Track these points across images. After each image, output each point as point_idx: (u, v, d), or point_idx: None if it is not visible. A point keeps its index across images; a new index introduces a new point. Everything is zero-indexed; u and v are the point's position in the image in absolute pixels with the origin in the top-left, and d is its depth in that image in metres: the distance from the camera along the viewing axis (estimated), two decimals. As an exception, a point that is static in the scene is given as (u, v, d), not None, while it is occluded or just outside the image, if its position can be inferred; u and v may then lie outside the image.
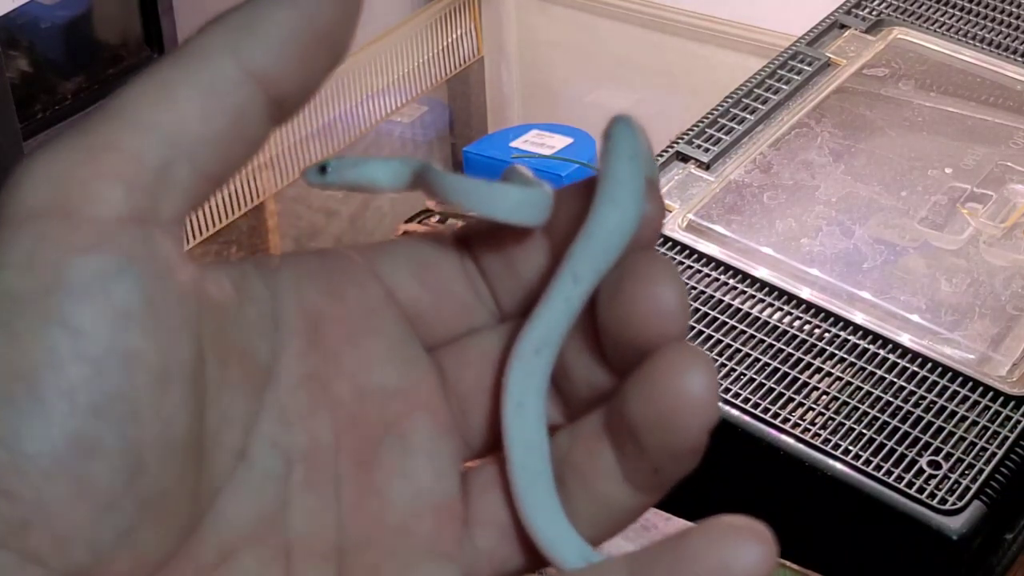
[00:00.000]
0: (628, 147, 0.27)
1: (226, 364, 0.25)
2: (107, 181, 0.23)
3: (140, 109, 0.24)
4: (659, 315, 0.26)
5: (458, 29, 1.24)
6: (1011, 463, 0.62)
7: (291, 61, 0.25)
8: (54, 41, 1.12)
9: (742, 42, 1.12)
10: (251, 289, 0.27)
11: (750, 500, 0.66)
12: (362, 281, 0.28)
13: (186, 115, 0.24)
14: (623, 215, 0.27)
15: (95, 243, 0.23)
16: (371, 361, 0.28)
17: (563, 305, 0.27)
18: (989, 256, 0.73)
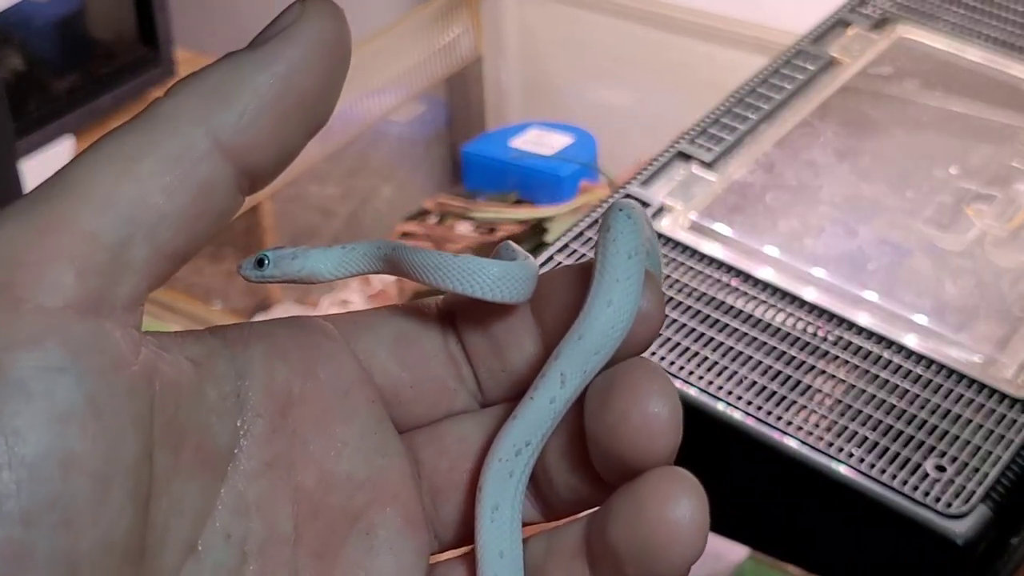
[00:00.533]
0: (628, 242, 0.26)
1: (179, 451, 0.24)
2: (58, 264, 0.22)
3: (98, 183, 0.23)
4: (650, 435, 0.25)
5: (457, 27, 1.24)
6: (1017, 467, 0.62)
7: (266, 132, 0.24)
8: (47, 39, 1.12)
9: (745, 40, 1.12)
10: (215, 368, 0.25)
11: (753, 503, 0.65)
12: (337, 359, 0.27)
13: (148, 190, 0.23)
14: (617, 317, 0.26)
15: (39, 336, 0.22)
16: (340, 448, 0.27)
17: (547, 406, 0.26)
18: (995, 257, 0.72)
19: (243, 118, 0.24)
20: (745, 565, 0.61)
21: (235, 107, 0.24)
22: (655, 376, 0.26)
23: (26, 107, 1.06)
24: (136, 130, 0.24)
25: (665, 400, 0.25)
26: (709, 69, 1.14)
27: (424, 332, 0.28)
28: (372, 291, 1.09)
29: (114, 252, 0.23)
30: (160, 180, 0.23)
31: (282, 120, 0.24)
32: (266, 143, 0.24)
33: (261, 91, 0.24)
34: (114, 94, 1.13)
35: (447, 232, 1.10)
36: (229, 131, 0.24)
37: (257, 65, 0.24)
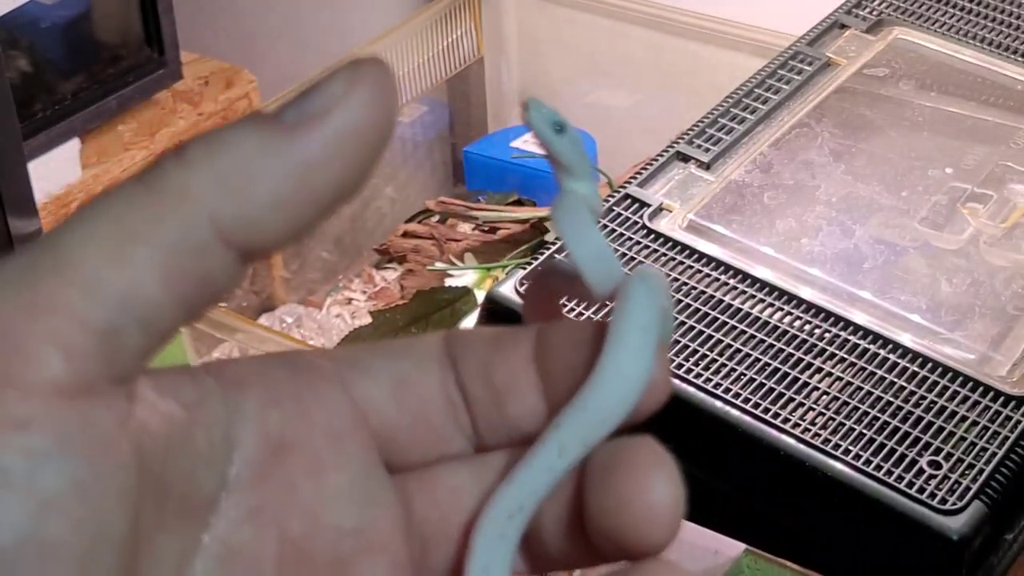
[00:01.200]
0: (644, 316, 0.26)
1: (163, 505, 0.23)
2: (46, 348, 0.21)
3: (91, 264, 0.22)
4: (651, 524, 0.24)
5: (458, 29, 1.24)
6: (1011, 463, 0.62)
7: (275, 224, 0.23)
8: (54, 41, 1.12)
9: (742, 42, 1.12)
10: (207, 412, 0.24)
11: (750, 499, 0.65)
12: (333, 402, 0.26)
13: (143, 278, 0.22)
14: (625, 392, 0.25)
15: (24, 422, 0.21)
16: (330, 496, 0.26)
17: (545, 475, 0.25)
18: (989, 256, 0.73)
19: (254, 214, 0.22)
20: (742, 561, 0.61)
21: (248, 201, 0.22)
22: (660, 461, 0.25)
23: (33, 109, 1.07)
24: (136, 205, 0.22)
25: (669, 488, 0.24)
26: (707, 71, 1.14)
27: (423, 375, 0.27)
28: (374, 289, 1.10)
29: (104, 338, 0.22)
30: (157, 268, 0.22)
31: (296, 215, 0.23)
32: (273, 233, 0.23)
33: (281, 187, 0.22)
34: (120, 96, 1.13)
35: (449, 232, 1.11)
36: (235, 222, 0.22)
37: (278, 154, 0.23)
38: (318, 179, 0.23)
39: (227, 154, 0.22)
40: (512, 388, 0.27)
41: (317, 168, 0.23)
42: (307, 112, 0.23)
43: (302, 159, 0.22)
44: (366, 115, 0.23)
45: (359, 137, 0.23)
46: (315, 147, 0.23)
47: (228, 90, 1.24)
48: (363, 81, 0.23)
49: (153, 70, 1.16)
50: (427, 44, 1.21)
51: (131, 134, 1.17)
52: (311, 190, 0.23)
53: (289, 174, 0.22)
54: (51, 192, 1.10)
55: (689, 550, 0.61)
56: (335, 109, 0.23)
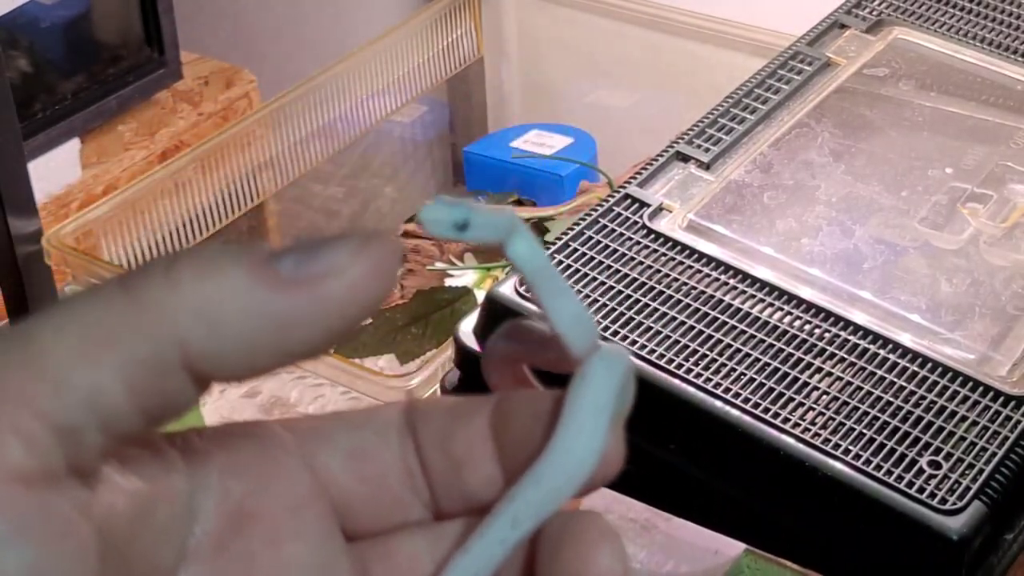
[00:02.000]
0: (600, 395, 0.26)
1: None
2: (8, 438, 0.21)
3: (60, 362, 0.22)
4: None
5: (458, 29, 1.24)
6: (1011, 463, 0.62)
7: (240, 365, 0.23)
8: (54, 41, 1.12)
9: (742, 42, 1.12)
10: (169, 484, 0.25)
11: (750, 499, 0.65)
12: (292, 472, 0.27)
13: (109, 384, 0.22)
14: (577, 468, 0.26)
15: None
16: (287, 566, 0.26)
17: (498, 546, 0.26)
18: (989, 256, 0.73)
19: (223, 352, 0.23)
20: (742, 561, 0.61)
21: (219, 339, 0.23)
22: (606, 536, 0.26)
23: (33, 109, 1.07)
24: (116, 308, 0.22)
25: (614, 562, 0.25)
26: (707, 71, 1.14)
27: (382, 445, 0.28)
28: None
29: (66, 434, 0.22)
30: (123, 377, 0.22)
31: (261, 362, 0.23)
32: (234, 372, 0.23)
33: (254, 335, 0.23)
34: (119, 96, 1.13)
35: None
36: (203, 357, 0.23)
37: (265, 305, 0.23)
38: (293, 336, 0.23)
39: (212, 286, 0.23)
40: (469, 458, 0.27)
41: (295, 327, 0.23)
42: (304, 271, 0.23)
43: (284, 317, 0.23)
44: (360, 292, 0.23)
45: (344, 309, 0.23)
46: (300, 310, 0.23)
47: (228, 90, 1.24)
48: (368, 257, 0.23)
49: (153, 70, 1.16)
50: (427, 44, 1.21)
51: (131, 134, 1.17)
52: (283, 344, 0.23)
53: (266, 326, 0.23)
54: (51, 192, 1.10)
55: (689, 550, 0.61)
56: (332, 278, 0.23)
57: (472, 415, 0.27)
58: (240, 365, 0.23)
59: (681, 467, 0.66)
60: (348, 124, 1.15)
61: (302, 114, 1.09)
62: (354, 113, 1.15)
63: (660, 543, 0.61)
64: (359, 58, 1.14)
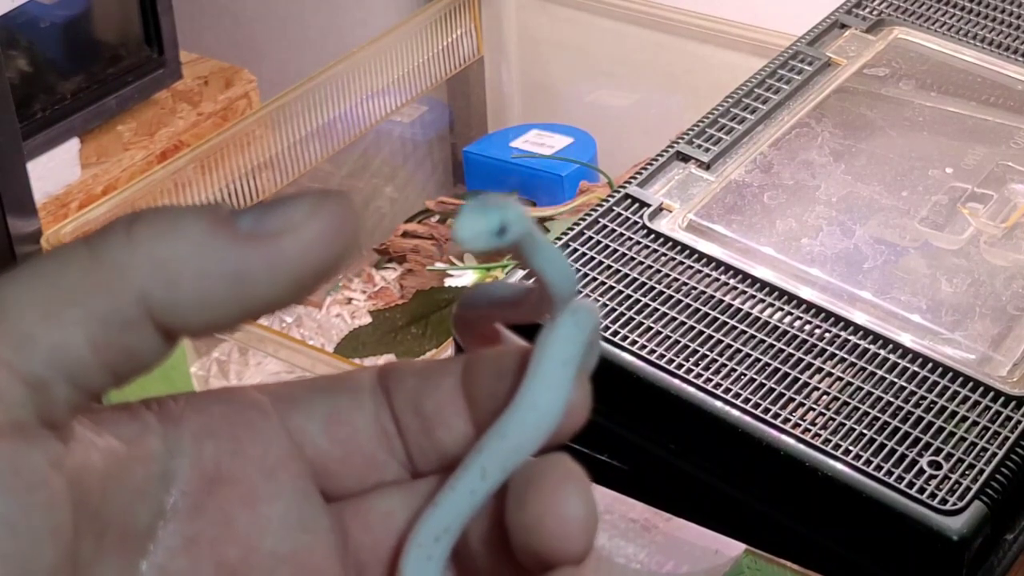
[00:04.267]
0: (565, 349, 0.27)
1: (101, 538, 0.24)
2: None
3: (23, 319, 0.22)
4: (565, 536, 0.25)
5: (458, 29, 1.24)
6: (1012, 463, 0.62)
7: (199, 318, 0.23)
8: (53, 41, 1.12)
9: (742, 42, 1.12)
10: (145, 446, 0.25)
11: (750, 499, 0.65)
12: (267, 434, 0.27)
13: (73, 339, 0.23)
14: (541, 421, 0.26)
15: None
16: (265, 525, 0.27)
17: (467, 497, 0.26)
18: (990, 256, 0.73)
19: (181, 304, 0.23)
20: (742, 561, 0.61)
21: (177, 291, 0.23)
22: (572, 478, 0.26)
23: (32, 109, 1.07)
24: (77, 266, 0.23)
25: (580, 502, 0.26)
26: (707, 71, 1.14)
27: (356, 407, 0.28)
28: (374, 289, 1.10)
29: (34, 388, 0.22)
30: (86, 333, 0.23)
31: (221, 315, 0.24)
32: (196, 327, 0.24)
33: (211, 288, 0.23)
34: (119, 96, 1.13)
35: (449, 232, 1.11)
36: (163, 310, 0.23)
37: (221, 259, 0.23)
38: (249, 291, 0.23)
39: (171, 241, 0.23)
40: (441, 416, 0.28)
41: (251, 282, 0.23)
42: (261, 227, 0.23)
43: (236, 269, 0.23)
44: (311, 249, 0.23)
45: (298, 267, 0.23)
46: (255, 263, 0.23)
47: (228, 90, 1.24)
48: (323, 214, 0.24)
49: (152, 70, 1.16)
50: (427, 44, 1.21)
51: (131, 134, 1.16)
52: (237, 299, 0.23)
53: (222, 279, 0.23)
54: (50, 192, 1.10)
55: (689, 550, 0.61)
56: (287, 234, 0.23)
57: (443, 375, 0.28)
58: (199, 319, 0.23)
59: (681, 467, 0.66)
60: (348, 124, 1.15)
61: (302, 114, 1.09)
62: (354, 113, 1.15)
63: (660, 543, 0.61)
64: (359, 58, 1.14)
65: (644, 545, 0.61)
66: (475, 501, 0.26)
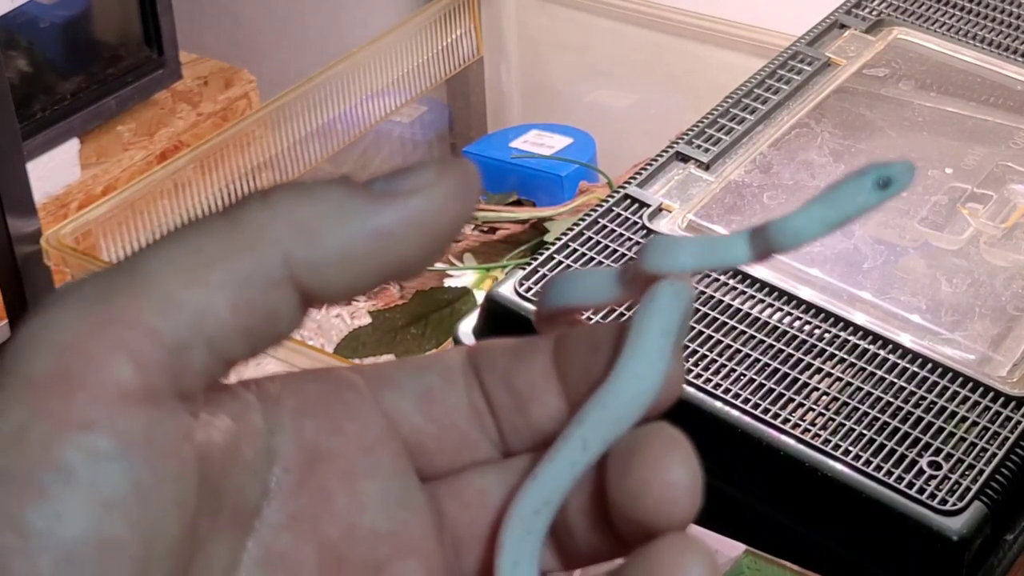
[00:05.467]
0: (666, 319, 0.27)
1: (217, 515, 0.25)
2: (116, 356, 0.22)
3: (166, 283, 0.23)
4: (670, 503, 0.26)
5: (458, 29, 1.24)
6: (1012, 464, 0.62)
7: (341, 279, 0.24)
8: (53, 41, 1.12)
9: (742, 42, 1.12)
10: (250, 424, 0.26)
11: (750, 500, 0.65)
12: (363, 412, 0.28)
13: (215, 302, 0.23)
14: (643, 390, 0.26)
15: (90, 424, 0.22)
16: (364, 502, 0.27)
17: (568, 469, 0.27)
18: (989, 256, 0.73)
19: (324, 262, 0.24)
20: (742, 561, 0.61)
21: (320, 249, 0.24)
22: (676, 444, 0.26)
23: (32, 109, 1.07)
24: (217, 232, 0.23)
25: (685, 468, 0.26)
26: (707, 71, 1.14)
27: (449, 386, 0.28)
28: (374, 289, 1.09)
29: (173, 352, 0.23)
30: (228, 295, 0.23)
31: (362, 274, 0.24)
32: (337, 287, 0.24)
33: (353, 244, 0.24)
34: (119, 96, 1.13)
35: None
36: (306, 269, 0.24)
37: (361, 216, 0.24)
38: (387, 248, 0.24)
39: (309, 203, 0.24)
40: (534, 393, 0.28)
41: (388, 238, 0.24)
42: (394, 188, 0.24)
43: (376, 226, 0.24)
44: (445, 206, 0.24)
45: (434, 223, 0.24)
46: (391, 219, 0.24)
47: (227, 90, 1.24)
48: (451, 176, 0.25)
49: (152, 70, 1.16)
50: (426, 44, 1.21)
51: (130, 134, 1.17)
52: (378, 256, 0.24)
53: (362, 235, 0.24)
54: (50, 192, 1.10)
55: (689, 551, 0.61)
56: (419, 192, 0.24)
57: (534, 352, 0.28)
58: (340, 279, 0.24)
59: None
60: (348, 124, 1.15)
61: (302, 114, 1.09)
62: (354, 113, 1.15)
63: (660, 544, 0.61)
64: (359, 58, 1.14)
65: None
66: (575, 473, 0.26)
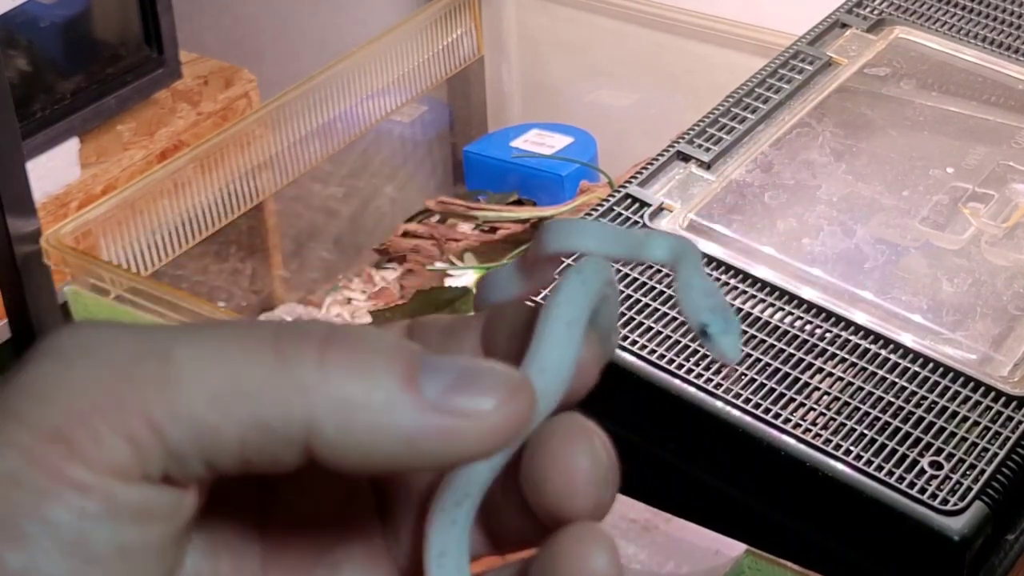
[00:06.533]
0: (571, 309, 0.26)
1: None
2: (120, 440, 0.23)
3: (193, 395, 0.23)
4: (570, 492, 0.26)
5: (458, 28, 1.24)
6: (1013, 464, 0.62)
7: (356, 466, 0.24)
8: (53, 40, 1.12)
9: (743, 41, 1.12)
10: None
11: (750, 500, 0.65)
12: None
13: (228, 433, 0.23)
14: (549, 383, 0.26)
15: (83, 488, 0.22)
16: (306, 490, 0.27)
17: (484, 463, 0.26)
18: (991, 256, 0.73)
19: (346, 447, 0.23)
20: (743, 561, 0.61)
21: (350, 436, 0.23)
22: (581, 434, 0.26)
23: (32, 108, 1.07)
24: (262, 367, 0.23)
25: (587, 457, 0.26)
26: (708, 71, 1.14)
27: None
28: (374, 289, 1.09)
29: (171, 456, 0.23)
30: (243, 433, 0.23)
31: (376, 464, 0.24)
32: (347, 469, 0.24)
33: (381, 445, 0.24)
34: (119, 95, 1.13)
35: (449, 232, 1.11)
36: (326, 445, 0.23)
37: (403, 420, 0.24)
38: (415, 454, 0.24)
39: (360, 386, 0.23)
40: None
41: (420, 450, 0.24)
42: (448, 402, 0.24)
43: (413, 437, 0.23)
44: (490, 439, 0.24)
45: (473, 450, 0.24)
46: (431, 435, 0.24)
47: (227, 89, 1.23)
48: (510, 408, 0.24)
49: (152, 69, 1.16)
50: (427, 44, 1.21)
51: (130, 134, 1.16)
52: (403, 458, 0.24)
53: (395, 440, 0.23)
54: (50, 192, 1.10)
55: (689, 550, 0.61)
56: (472, 419, 0.24)
57: (466, 330, 0.28)
58: (355, 463, 0.24)
59: (681, 467, 0.66)
60: (348, 124, 1.14)
61: (302, 114, 1.09)
62: (354, 113, 1.15)
63: (660, 543, 0.61)
64: (359, 57, 1.14)
65: (644, 545, 0.61)
66: (491, 465, 0.26)
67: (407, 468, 0.24)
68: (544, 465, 0.26)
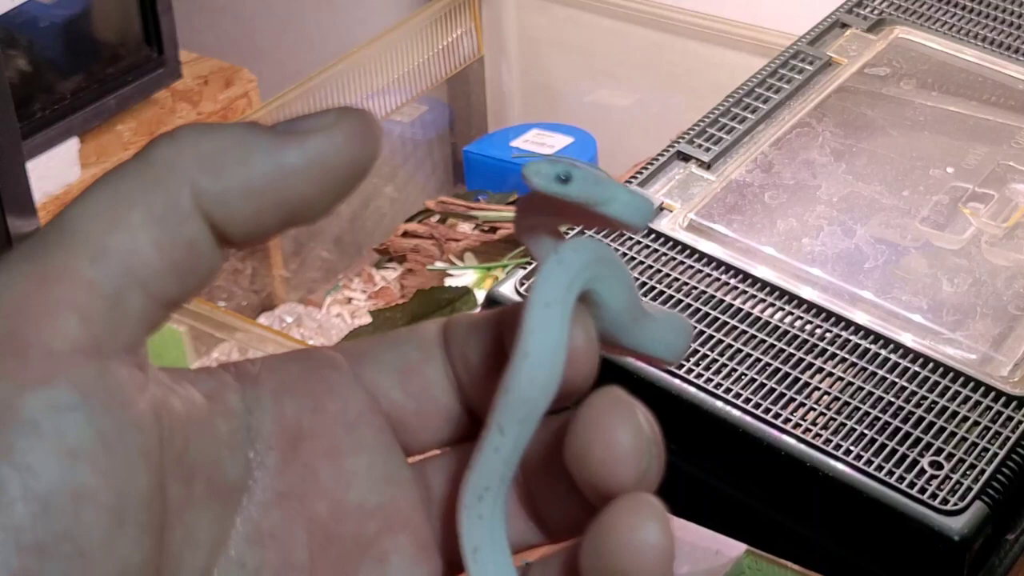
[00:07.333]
0: (548, 290, 0.26)
1: (191, 483, 0.25)
2: (61, 312, 0.23)
3: (93, 231, 0.24)
4: (613, 463, 0.25)
5: (458, 28, 1.24)
6: (1013, 463, 0.62)
7: (243, 214, 0.25)
8: (53, 40, 1.12)
9: (743, 41, 1.12)
10: (225, 402, 0.26)
11: (750, 500, 0.65)
12: (344, 390, 0.28)
13: (139, 242, 0.24)
14: (536, 368, 0.26)
15: (48, 378, 0.22)
16: (350, 478, 0.27)
17: (494, 455, 0.26)
18: (991, 256, 0.73)
19: (228, 193, 0.24)
20: (743, 561, 0.61)
21: (224, 180, 0.24)
22: (617, 405, 0.26)
23: (32, 108, 1.07)
24: (130, 175, 0.24)
25: (626, 428, 0.26)
26: (708, 70, 1.14)
27: (426, 359, 0.28)
28: (374, 289, 1.09)
29: (112, 301, 0.23)
30: (150, 233, 0.24)
31: (265, 209, 0.25)
32: (242, 221, 0.25)
33: (255, 178, 0.24)
34: (119, 95, 1.13)
35: (449, 232, 1.11)
36: (212, 200, 0.24)
37: (263, 152, 0.25)
38: (288, 185, 0.25)
39: (213, 138, 0.25)
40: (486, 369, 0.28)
41: (289, 175, 0.25)
42: (295, 128, 0.25)
43: (278, 161, 0.25)
44: (343, 148, 0.25)
45: (332, 163, 0.25)
46: (292, 156, 0.25)
47: (227, 89, 1.23)
48: (350, 120, 0.25)
49: (152, 69, 1.16)
50: (427, 44, 1.21)
51: (130, 133, 1.16)
52: (280, 193, 0.25)
53: (263, 170, 0.24)
54: (50, 192, 1.10)
55: (689, 550, 0.61)
56: (318, 133, 0.25)
57: (488, 324, 0.28)
58: (243, 211, 0.24)
59: (681, 467, 0.66)
60: (348, 124, 1.14)
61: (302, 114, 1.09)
62: (354, 112, 1.15)
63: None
64: (359, 57, 1.14)
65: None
66: (504, 456, 0.26)
67: (294, 208, 0.25)
68: (585, 437, 0.26)
